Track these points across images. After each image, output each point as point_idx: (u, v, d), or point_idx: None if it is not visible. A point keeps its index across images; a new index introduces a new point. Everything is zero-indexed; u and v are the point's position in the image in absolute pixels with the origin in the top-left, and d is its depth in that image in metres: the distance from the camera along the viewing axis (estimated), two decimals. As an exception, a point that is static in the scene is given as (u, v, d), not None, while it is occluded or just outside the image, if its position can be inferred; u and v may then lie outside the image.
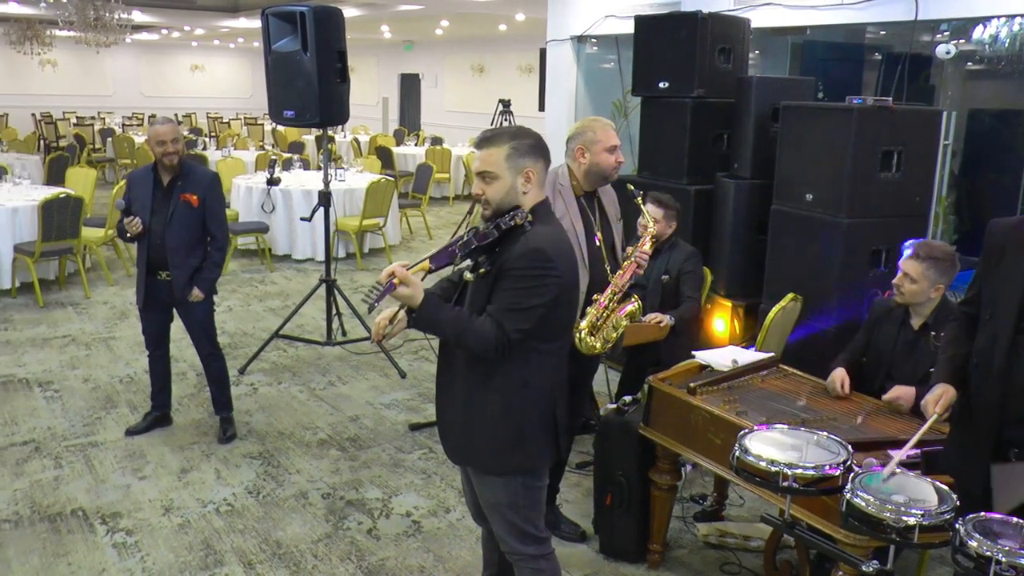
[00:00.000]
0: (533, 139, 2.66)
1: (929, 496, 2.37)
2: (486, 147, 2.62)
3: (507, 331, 2.51)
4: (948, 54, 5.48)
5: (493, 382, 2.64)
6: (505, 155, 2.59)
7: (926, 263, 3.54)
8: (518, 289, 2.52)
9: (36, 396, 5.67)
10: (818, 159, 4.78)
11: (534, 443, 2.71)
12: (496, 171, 2.59)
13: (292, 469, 4.73)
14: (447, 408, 2.81)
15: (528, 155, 2.62)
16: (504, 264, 2.54)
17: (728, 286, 5.62)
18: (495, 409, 2.66)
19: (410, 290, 2.44)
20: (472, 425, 2.71)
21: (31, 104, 24.70)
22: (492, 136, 2.65)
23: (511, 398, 2.65)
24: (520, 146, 2.61)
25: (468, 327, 2.52)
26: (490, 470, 2.75)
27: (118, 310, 7.78)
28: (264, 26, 5.78)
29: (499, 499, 2.77)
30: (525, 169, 2.61)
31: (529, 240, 2.54)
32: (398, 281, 2.41)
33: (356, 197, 10.05)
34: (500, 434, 2.67)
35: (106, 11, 15.41)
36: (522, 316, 2.52)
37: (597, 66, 8.61)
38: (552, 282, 2.54)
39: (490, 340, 2.50)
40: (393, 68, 25.04)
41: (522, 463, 2.71)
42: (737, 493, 4.39)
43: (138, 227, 4.60)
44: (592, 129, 3.67)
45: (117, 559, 3.82)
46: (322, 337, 6.73)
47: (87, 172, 10.49)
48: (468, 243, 2.53)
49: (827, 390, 3.59)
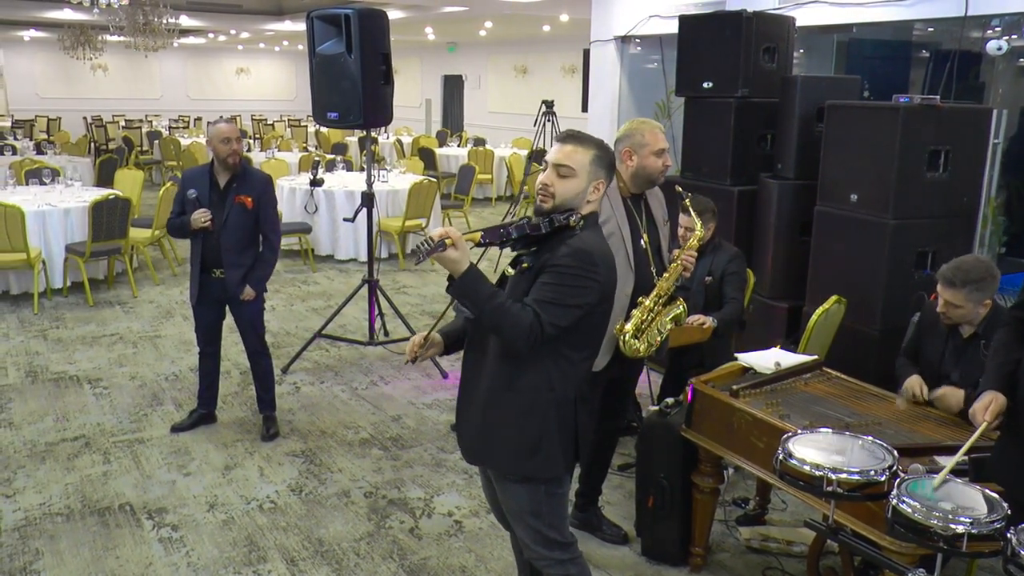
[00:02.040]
0: (612, 156, 2.73)
1: (978, 504, 2.32)
2: (574, 144, 2.64)
3: (543, 322, 2.47)
4: (999, 50, 5.36)
5: (519, 382, 2.63)
6: (591, 159, 2.62)
7: (966, 289, 3.43)
8: (561, 286, 2.50)
9: (86, 393, 5.79)
10: (863, 159, 4.71)
11: (552, 448, 2.67)
12: (577, 169, 2.61)
13: (334, 468, 4.77)
14: (468, 405, 2.80)
15: (606, 169, 2.67)
16: (548, 261, 2.54)
17: (771, 288, 5.56)
18: (518, 410, 2.64)
19: (458, 253, 2.41)
20: (492, 425, 2.69)
21: (83, 108, 25.26)
22: (582, 137, 2.67)
23: (535, 400, 2.63)
24: (603, 157, 2.66)
25: (506, 306, 2.48)
26: (506, 473, 2.73)
27: (164, 309, 7.91)
28: (309, 29, 5.84)
29: (522, 506, 2.76)
30: (599, 180, 2.65)
31: (578, 241, 2.54)
32: (450, 242, 2.38)
33: (399, 198, 10.12)
34: (519, 436, 2.65)
35: (155, 16, 15.70)
36: (561, 312, 2.50)
37: (641, 66, 8.57)
38: (593, 286, 2.53)
39: (524, 326, 2.46)
40: (436, 69, 25.15)
41: (538, 469, 2.68)
42: (779, 497, 4.34)
43: (208, 221, 4.68)
44: (640, 132, 3.61)
45: (163, 553, 3.89)
46: (364, 337, 6.78)
47: (135, 174, 10.71)
48: (521, 227, 2.52)
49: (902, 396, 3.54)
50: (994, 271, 3.50)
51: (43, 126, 22.08)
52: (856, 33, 6.96)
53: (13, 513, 4.19)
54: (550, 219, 2.54)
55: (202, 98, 28.54)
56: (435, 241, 2.37)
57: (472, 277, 2.46)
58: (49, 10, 17.29)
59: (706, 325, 4.46)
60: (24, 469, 4.66)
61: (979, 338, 3.52)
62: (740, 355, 3.85)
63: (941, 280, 3.50)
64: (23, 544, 3.92)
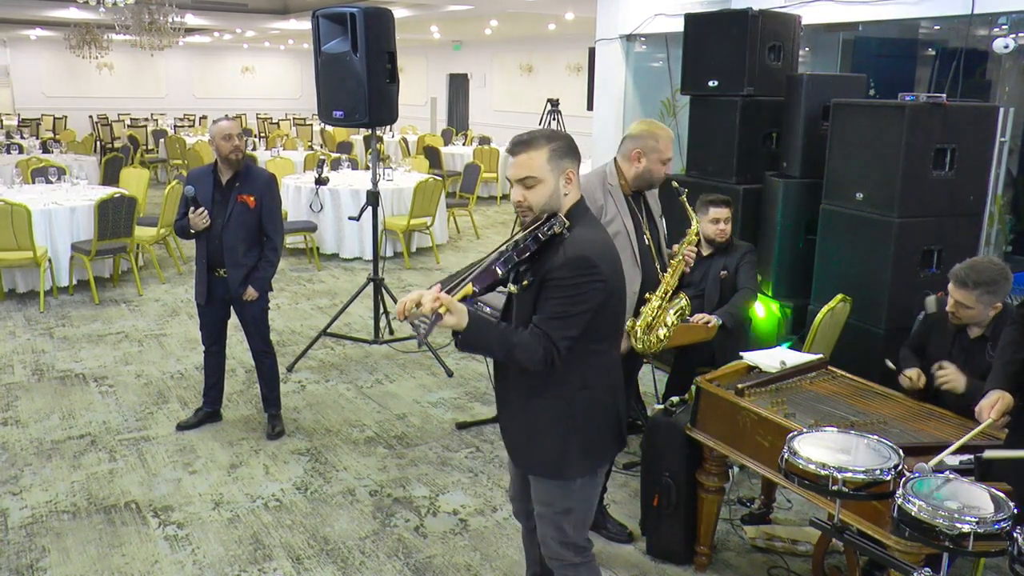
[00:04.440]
0: (567, 139, 2.60)
1: (984, 503, 2.31)
2: (524, 151, 2.53)
3: (555, 341, 2.45)
4: (1006, 48, 5.34)
5: (551, 388, 2.60)
6: (546, 157, 2.51)
7: (978, 290, 3.42)
8: (563, 298, 2.46)
9: (92, 391, 5.81)
10: (869, 157, 4.70)
11: (599, 442, 2.68)
12: (539, 175, 2.51)
13: (340, 466, 4.78)
14: (507, 418, 2.78)
15: (567, 155, 2.55)
16: (547, 273, 2.48)
17: (776, 286, 5.56)
18: (556, 414, 2.62)
19: (455, 318, 2.35)
20: (535, 433, 2.67)
21: (88, 107, 25.35)
22: (529, 139, 2.54)
23: (572, 401, 2.61)
24: (559, 147, 2.54)
25: (515, 343, 2.46)
26: (554, 476, 2.70)
27: (169, 307, 7.93)
28: (314, 27, 5.84)
29: (554, 503, 2.74)
30: (566, 170, 2.55)
31: (570, 247, 2.48)
32: (444, 310, 2.31)
33: (404, 197, 10.13)
34: (564, 438, 2.63)
35: (160, 15, 15.75)
36: (568, 324, 2.46)
37: (646, 65, 8.56)
38: (597, 287, 2.48)
39: (538, 353, 2.45)
40: (442, 68, 25.16)
41: (586, 465, 2.67)
42: (784, 496, 4.34)
43: (207, 220, 4.69)
44: (655, 137, 3.64)
45: (169, 551, 3.89)
46: (369, 335, 6.78)
47: (140, 173, 10.72)
48: (509, 259, 2.46)
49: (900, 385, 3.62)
50: (1007, 274, 3.48)
51: (49, 125, 22.14)
52: (862, 31, 6.94)
53: (20, 511, 4.21)
54: (535, 236, 2.46)
55: (207, 97, 28.61)
56: (430, 317, 2.31)
57: (475, 330, 2.42)
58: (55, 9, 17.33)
59: (711, 324, 4.47)
60: (31, 467, 4.67)
61: (987, 340, 3.51)
62: (745, 354, 3.84)
63: (953, 280, 3.49)
64: (29, 541, 3.93)
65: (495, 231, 12.31)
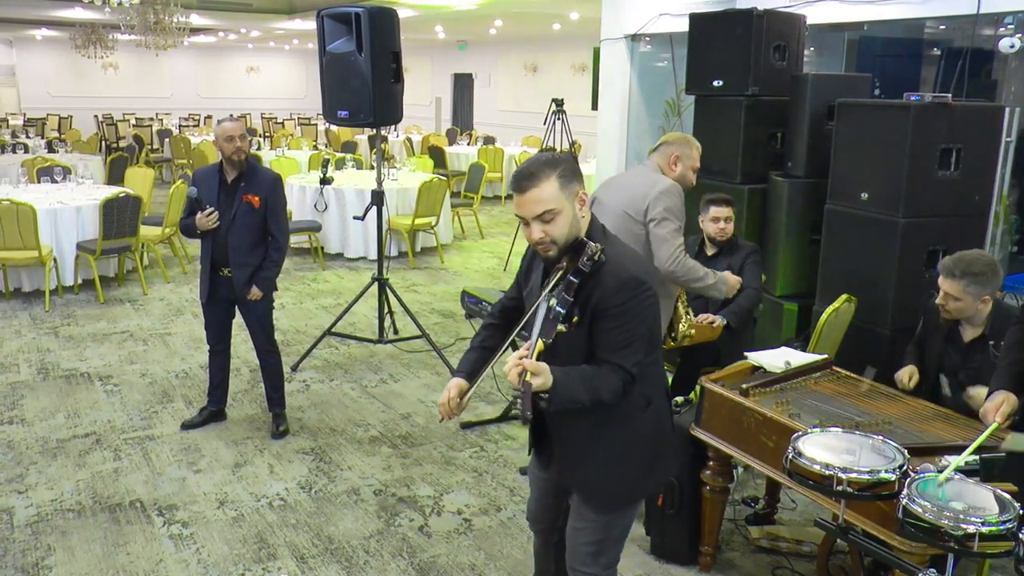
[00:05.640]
0: (569, 161, 2.48)
1: (989, 504, 2.31)
2: (534, 185, 2.38)
3: (627, 369, 2.39)
4: (1012, 48, 5.33)
5: (620, 414, 2.53)
6: (558, 185, 2.39)
7: (964, 280, 3.42)
8: (625, 325, 2.39)
9: (97, 390, 5.82)
10: (874, 157, 4.69)
11: (667, 457, 2.67)
12: (556, 205, 2.38)
13: (344, 465, 4.78)
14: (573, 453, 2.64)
15: (574, 177, 2.45)
16: (598, 305, 2.40)
17: (781, 286, 5.55)
18: (631, 439, 2.58)
19: (542, 379, 2.24)
20: (613, 464, 2.59)
21: (94, 106, 25.39)
22: (534, 172, 2.40)
23: (638, 423, 2.57)
24: (565, 171, 2.42)
25: (598, 385, 2.37)
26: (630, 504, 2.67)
27: (174, 307, 7.94)
28: (319, 27, 5.84)
29: (604, 527, 2.68)
30: (578, 192, 2.44)
31: (614, 270, 2.40)
32: (529, 377, 2.21)
33: (408, 196, 10.13)
34: (641, 463, 2.61)
35: (165, 15, 15.76)
36: (636, 349, 2.42)
37: (651, 65, 8.56)
38: (651, 303, 2.44)
39: (619, 387, 2.39)
40: (446, 68, 25.17)
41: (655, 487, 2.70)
42: (789, 496, 4.33)
43: (215, 222, 4.70)
44: (692, 146, 4.07)
45: (173, 550, 3.90)
46: (374, 335, 6.78)
47: (145, 172, 10.75)
48: (563, 301, 2.34)
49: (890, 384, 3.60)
50: (996, 267, 3.49)
51: (55, 124, 22.20)
52: (867, 31, 6.92)
53: (25, 509, 4.22)
54: (577, 270, 2.35)
55: (212, 96, 28.63)
56: (522, 387, 2.21)
57: (561, 388, 2.31)
58: (61, 9, 17.38)
59: (716, 324, 4.48)
60: (36, 465, 4.68)
61: (987, 339, 3.51)
62: (750, 354, 3.84)
63: (941, 270, 3.53)
64: (35, 540, 3.94)
65: (499, 231, 12.31)
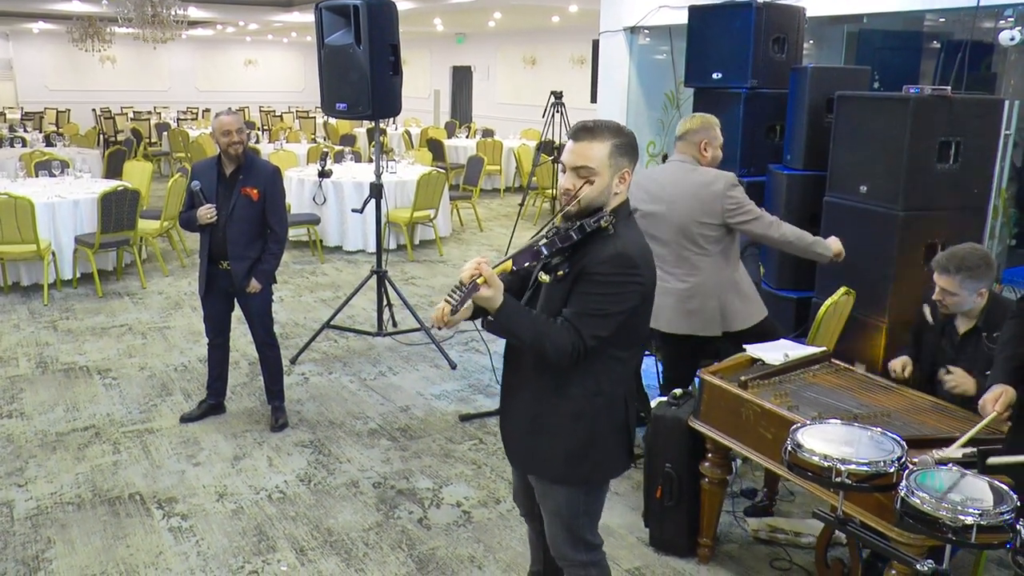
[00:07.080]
0: (631, 138, 2.47)
1: (986, 496, 2.32)
2: (587, 139, 2.41)
3: (584, 337, 2.37)
4: (1012, 40, 5.32)
5: (566, 389, 2.52)
6: (608, 152, 2.40)
7: (960, 275, 3.43)
8: (601, 295, 2.38)
9: (96, 383, 5.82)
10: (873, 150, 4.69)
11: (604, 453, 2.60)
12: (597, 167, 2.39)
13: (343, 458, 4.78)
14: (513, 413, 2.69)
15: (627, 155, 2.44)
16: (586, 267, 2.40)
17: (780, 279, 5.55)
18: (565, 417, 2.55)
19: (492, 291, 2.26)
20: (539, 433, 2.60)
21: (91, 100, 25.37)
22: (594, 128, 2.42)
23: (583, 406, 2.53)
24: (622, 144, 2.43)
25: (546, 332, 2.36)
26: (556, 480, 2.64)
27: (173, 300, 7.94)
28: (318, 20, 5.84)
29: (560, 507, 2.68)
30: (623, 170, 2.44)
31: (615, 244, 2.39)
32: (482, 281, 2.23)
33: (407, 189, 10.13)
34: (569, 443, 2.56)
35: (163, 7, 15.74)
36: (601, 323, 2.39)
37: (650, 57, 8.54)
38: (635, 289, 2.42)
39: (567, 347, 2.36)
40: (445, 60, 25.13)
41: (590, 473, 2.61)
42: (787, 488, 4.34)
43: (214, 216, 4.70)
44: (714, 127, 4.24)
45: (173, 543, 3.91)
46: (373, 328, 6.79)
47: (143, 165, 10.74)
48: (552, 243, 2.36)
49: (888, 376, 3.62)
50: (990, 260, 3.50)
51: (52, 118, 22.17)
52: (866, 23, 6.91)
53: (25, 502, 4.22)
54: (580, 225, 2.35)
55: (210, 90, 28.61)
56: (467, 284, 2.23)
57: (508, 312, 2.33)
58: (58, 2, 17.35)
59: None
60: (35, 459, 4.69)
61: (980, 331, 3.52)
62: (749, 346, 3.85)
63: (935, 267, 3.53)
64: (35, 533, 3.95)
65: (498, 223, 12.30)
